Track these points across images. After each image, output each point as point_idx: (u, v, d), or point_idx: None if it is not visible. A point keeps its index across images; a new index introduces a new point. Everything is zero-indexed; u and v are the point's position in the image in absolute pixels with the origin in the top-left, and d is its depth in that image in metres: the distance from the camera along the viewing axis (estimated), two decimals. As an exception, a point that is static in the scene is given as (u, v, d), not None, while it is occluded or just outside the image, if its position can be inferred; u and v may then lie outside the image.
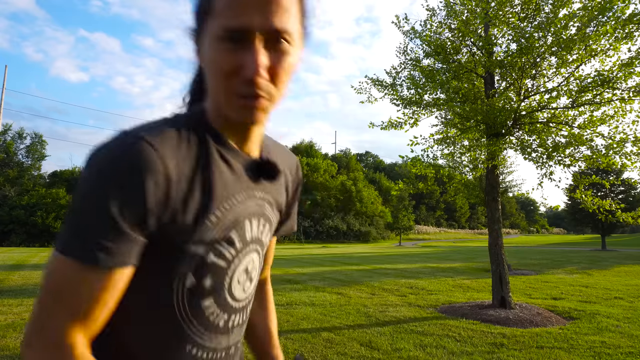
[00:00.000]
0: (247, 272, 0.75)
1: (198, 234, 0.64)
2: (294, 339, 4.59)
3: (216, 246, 0.67)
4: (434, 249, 25.32)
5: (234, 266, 0.71)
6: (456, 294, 7.72)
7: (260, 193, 0.75)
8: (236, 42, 0.59)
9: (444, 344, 4.50)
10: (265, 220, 0.77)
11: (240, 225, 0.70)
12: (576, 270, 12.01)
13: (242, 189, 0.71)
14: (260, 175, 0.75)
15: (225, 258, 0.69)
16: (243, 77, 0.59)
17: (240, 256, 0.71)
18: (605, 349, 4.38)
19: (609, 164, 5.63)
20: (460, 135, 6.83)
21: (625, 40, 5.34)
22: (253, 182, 0.73)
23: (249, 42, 0.59)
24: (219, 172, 0.67)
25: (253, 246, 0.74)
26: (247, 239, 0.72)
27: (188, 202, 0.62)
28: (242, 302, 0.75)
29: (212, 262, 0.67)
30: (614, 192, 27.80)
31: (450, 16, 6.62)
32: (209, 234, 0.65)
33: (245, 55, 0.59)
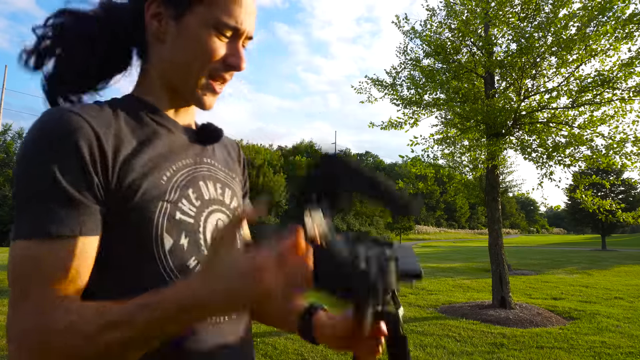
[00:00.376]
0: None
1: (155, 191, 0.66)
2: (294, 339, 4.59)
3: (179, 204, 0.69)
4: (434, 249, 25.31)
5: (202, 222, 0.72)
6: (456, 294, 7.71)
7: (209, 160, 0.81)
8: (226, 36, 0.71)
9: (444, 344, 4.50)
10: (223, 185, 0.80)
11: (195, 185, 0.73)
12: (576, 270, 12.01)
13: (189, 155, 0.76)
14: (203, 140, 0.81)
15: (190, 215, 0.70)
16: (228, 64, 0.72)
17: (204, 214, 0.73)
18: (606, 349, 4.38)
19: (609, 164, 5.63)
20: (460, 135, 6.83)
21: (626, 40, 5.34)
22: (199, 150, 0.79)
23: (237, 39, 0.72)
24: (159, 137, 0.72)
25: (216, 207, 0.76)
26: (206, 198, 0.74)
27: (133, 163, 0.65)
28: None
29: (180, 218, 0.68)
30: (614, 192, 27.80)
31: (450, 16, 6.62)
32: (166, 192, 0.68)
33: (232, 49, 0.72)
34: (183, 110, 0.79)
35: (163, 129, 0.74)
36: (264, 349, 4.29)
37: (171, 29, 0.71)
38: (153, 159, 0.68)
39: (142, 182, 0.65)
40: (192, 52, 0.70)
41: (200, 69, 0.71)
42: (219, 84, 0.74)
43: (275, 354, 4.15)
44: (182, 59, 0.71)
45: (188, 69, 0.71)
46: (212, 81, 0.73)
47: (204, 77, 0.72)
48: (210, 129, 0.83)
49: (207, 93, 0.74)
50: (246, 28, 0.72)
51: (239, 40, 0.73)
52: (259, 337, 4.70)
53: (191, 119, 0.83)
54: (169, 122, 0.76)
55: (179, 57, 0.71)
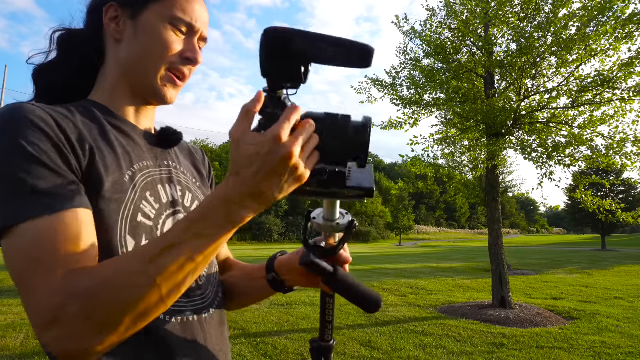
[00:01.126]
0: None
1: (118, 190, 0.66)
2: (294, 339, 4.59)
3: (140, 206, 0.69)
4: (434, 249, 25.32)
5: (160, 226, 0.72)
6: (456, 294, 7.71)
7: (171, 162, 0.81)
8: (182, 32, 0.75)
9: (444, 344, 4.50)
10: (184, 188, 0.81)
11: (154, 188, 0.74)
12: (576, 270, 12.01)
13: (148, 157, 0.77)
14: (163, 143, 0.81)
15: (149, 217, 0.71)
16: (185, 57, 0.75)
17: (163, 217, 0.73)
18: (606, 349, 4.38)
19: (609, 164, 5.63)
20: (460, 135, 6.83)
21: (625, 40, 5.34)
22: (160, 153, 0.80)
23: (192, 36, 0.76)
24: (116, 140, 0.72)
25: (174, 209, 0.76)
26: (164, 202, 0.75)
27: (95, 159, 0.65)
28: None
29: (140, 221, 0.69)
30: (614, 192, 27.81)
31: (450, 16, 6.62)
32: (128, 192, 0.68)
33: (189, 44, 0.76)
34: (143, 114, 0.80)
35: (119, 133, 0.74)
36: (264, 349, 4.29)
37: (128, 27, 0.74)
38: (113, 159, 0.68)
39: (104, 180, 0.65)
40: (149, 44, 0.72)
41: (159, 61, 0.73)
42: (178, 78, 0.76)
43: (275, 354, 4.15)
44: (140, 52, 0.73)
45: (146, 62, 0.73)
46: (171, 74, 0.75)
47: (162, 69, 0.74)
48: (169, 132, 0.84)
49: (167, 84, 0.75)
50: (200, 27, 0.76)
51: (194, 37, 0.76)
52: (258, 337, 4.70)
53: (150, 124, 0.83)
54: (126, 125, 0.76)
55: (136, 51, 0.73)
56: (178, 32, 0.74)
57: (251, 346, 4.38)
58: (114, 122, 0.74)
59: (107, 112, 0.75)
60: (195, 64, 0.76)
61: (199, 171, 0.92)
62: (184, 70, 0.76)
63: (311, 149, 0.54)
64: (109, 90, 0.77)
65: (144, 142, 0.78)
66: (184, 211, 0.78)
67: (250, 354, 4.15)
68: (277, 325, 5.23)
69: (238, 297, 0.91)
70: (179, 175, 0.82)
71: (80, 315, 0.51)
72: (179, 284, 0.55)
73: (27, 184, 0.56)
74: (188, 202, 0.80)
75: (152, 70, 0.74)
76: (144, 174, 0.73)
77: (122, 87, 0.76)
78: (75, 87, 0.80)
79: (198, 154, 0.95)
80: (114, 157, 0.69)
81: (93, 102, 0.76)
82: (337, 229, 0.67)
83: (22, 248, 0.54)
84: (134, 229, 0.67)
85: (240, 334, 4.82)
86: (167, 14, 0.73)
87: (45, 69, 0.79)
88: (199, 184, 0.87)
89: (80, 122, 0.68)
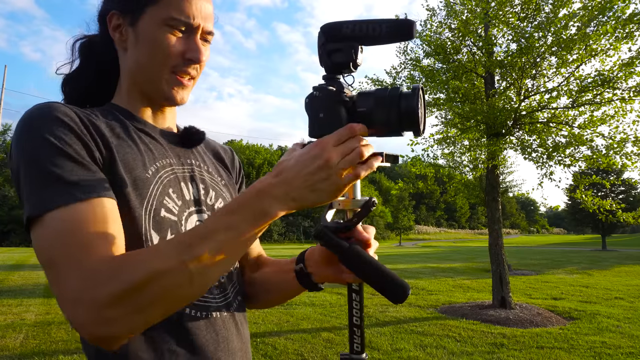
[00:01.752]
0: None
1: (141, 185, 0.68)
2: (294, 339, 4.59)
3: (163, 202, 0.70)
4: (434, 249, 25.31)
5: (184, 221, 0.73)
6: (456, 294, 7.71)
7: (194, 161, 0.82)
8: (181, 32, 0.73)
9: (444, 344, 4.49)
10: (207, 186, 0.81)
11: (177, 185, 0.75)
12: (576, 271, 12.00)
13: (171, 155, 0.78)
14: (185, 142, 0.83)
15: (173, 212, 0.72)
16: (187, 58, 0.74)
17: (186, 213, 0.74)
18: (606, 349, 4.38)
19: (609, 164, 5.62)
20: (461, 135, 6.82)
21: (626, 40, 5.33)
22: (183, 152, 0.81)
23: (192, 34, 0.75)
24: (139, 138, 0.74)
25: (198, 207, 0.77)
26: (187, 199, 0.76)
27: (117, 155, 0.67)
28: None
29: (164, 216, 0.70)
30: (614, 192, 27.79)
31: (450, 16, 6.62)
32: (151, 186, 0.69)
33: (189, 43, 0.74)
34: (160, 116, 0.81)
35: (141, 133, 0.76)
36: (264, 349, 4.29)
37: (130, 36, 0.75)
38: (136, 156, 0.70)
39: (126, 176, 0.66)
40: (150, 52, 0.73)
41: (161, 66, 0.73)
42: (186, 79, 0.76)
43: (275, 354, 4.15)
44: (143, 60, 0.74)
45: (150, 69, 0.74)
46: (177, 76, 0.75)
47: (166, 73, 0.74)
48: (192, 132, 0.85)
49: (174, 87, 0.75)
50: (200, 22, 0.75)
51: (195, 35, 0.75)
52: (258, 337, 4.70)
53: (172, 123, 0.84)
54: (147, 127, 0.78)
55: (140, 59, 0.74)
56: (177, 32, 0.73)
57: (251, 346, 4.37)
58: (135, 123, 0.76)
59: (128, 114, 0.77)
60: (197, 62, 0.76)
61: (227, 170, 0.92)
62: (189, 71, 0.76)
63: (349, 162, 0.56)
64: (125, 96, 0.79)
65: (166, 142, 0.79)
66: (206, 209, 0.79)
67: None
68: (277, 326, 5.22)
69: (269, 293, 0.89)
70: (202, 173, 0.82)
71: (113, 300, 0.51)
72: (210, 275, 0.56)
73: (54, 175, 0.58)
74: (212, 200, 0.81)
75: (156, 76, 0.74)
76: (166, 171, 0.74)
77: (135, 93, 0.78)
78: (99, 93, 0.82)
79: (227, 153, 0.96)
80: (136, 154, 0.70)
81: (115, 106, 0.78)
82: (355, 204, 0.67)
83: (52, 234, 0.56)
84: (158, 224, 0.68)
85: (240, 334, 4.81)
86: (162, 16, 0.72)
87: (71, 78, 0.82)
88: (224, 182, 0.87)
89: (104, 122, 0.70)
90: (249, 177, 38.14)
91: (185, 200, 0.75)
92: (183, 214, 0.74)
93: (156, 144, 0.77)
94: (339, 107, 0.61)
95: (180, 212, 0.73)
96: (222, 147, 0.96)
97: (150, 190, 0.69)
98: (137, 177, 0.68)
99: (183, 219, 0.73)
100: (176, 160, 0.78)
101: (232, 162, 0.96)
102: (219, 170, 0.89)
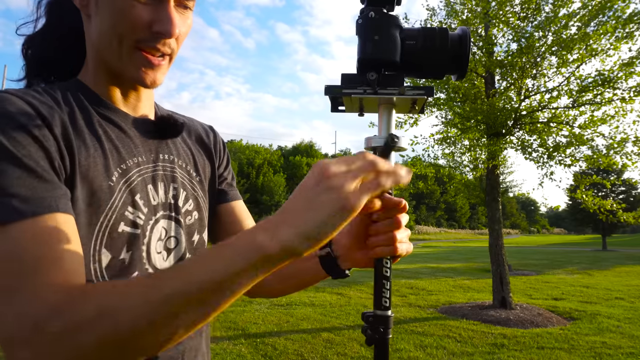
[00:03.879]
0: (162, 240, 0.68)
1: (100, 196, 0.59)
2: (293, 339, 4.58)
3: (125, 214, 0.62)
4: (434, 249, 25.29)
5: (148, 233, 0.65)
6: (456, 294, 7.70)
7: (166, 156, 0.72)
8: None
9: (444, 345, 4.49)
10: (178, 185, 0.72)
11: (144, 189, 0.66)
12: (577, 271, 11.99)
13: (141, 152, 0.68)
14: (159, 135, 0.72)
15: (136, 224, 0.63)
16: (156, 31, 0.60)
17: (151, 222, 0.66)
18: (606, 349, 4.37)
19: (609, 163, 5.62)
20: (461, 135, 6.82)
21: (626, 39, 5.33)
22: (155, 145, 0.71)
23: (163, 1, 0.61)
24: (105, 133, 0.64)
25: (164, 212, 0.69)
26: (154, 204, 0.67)
27: (78, 159, 0.58)
28: None
29: (123, 230, 0.61)
30: (614, 192, 27.78)
31: (450, 16, 6.61)
32: (111, 198, 0.60)
33: (159, 12, 0.60)
34: (134, 97, 0.70)
35: (108, 124, 0.65)
36: (263, 349, 4.28)
37: (90, 7, 0.63)
38: (99, 158, 0.61)
39: (84, 187, 0.58)
40: (110, 21, 0.60)
41: (123, 38, 0.60)
42: (156, 56, 0.63)
43: (275, 354, 4.14)
44: (104, 29, 0.61)
45: (111, 41, 0.61)
46: (145, 54, 0.62)
47: (131, 49, 0.61)
48: (169, 123, 0.73)
49: (142, 68, 0.63)
50: None
51: (168, 3, 0.61)
52: (258, 337, 4.69)
53: (148, 107, 0.73)
54: (117, 115, 0.67)
55: (102, 28, 0.61)
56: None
57: (251, 346, 4.37)
58: (103, 111, 0.65)
59: (95, 98, 0.66)
60: (168, 36, 0.61)
61: (209, 154, 0.82)
62: (158, 47, 0.62)
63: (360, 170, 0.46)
64: (92, 73, 0.67)
65: (138, 134, 0.69)
66: (176, 213, 0.71)
67: (250, 354, 4.14)
68: (277, 326, 5.22)
69: (282, 282, 0.79)
70: (175, 170, 0.73)
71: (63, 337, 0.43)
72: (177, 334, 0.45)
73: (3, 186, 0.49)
74: (181, 201, 0.72)
75: (119, 50, 0.61)
76: (134, 173, 0.65)
77: (102, 71, 0.66)
78: (66, 62, 0.71)
79: (209, 135, 0.86)
80: (99, 157, 0.61)
81: (81, 85, 0.66)
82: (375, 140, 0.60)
83: None
84: (113, 241, 0.60)
85: (240, 335, 4.81)
86: None
87: (35, 38, 0.70)
88: (199, 178, 0.78)
89: (67, 114, 0.60)
90: (249, 177, 38.10)
91: (152, 206, 0.67)
92: (148, 224, 0.65)
93: (125, 138, 0.66)
94: (395, 32, 0.57)
95: (145, 221, 0.65)
96: (204, 128, 0.86)
97: (112, 203, 0.60)
98: (98, 188, 0.59)
99: (148, 229, 0.65)
100: (146, 158, 0.68)
101: (215, 144, 0.86)
102: (197, 161, 0.79)
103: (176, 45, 0.65)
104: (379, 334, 0.55)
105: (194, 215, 0.75)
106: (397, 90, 0.57)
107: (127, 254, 0.62)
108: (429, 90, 0.56)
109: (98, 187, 0.60)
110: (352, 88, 0.57)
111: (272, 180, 38.80)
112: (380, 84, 0.57)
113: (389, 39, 0.56)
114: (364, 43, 0.57)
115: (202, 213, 0.77)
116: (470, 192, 7.28)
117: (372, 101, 0.59)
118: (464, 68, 0.57)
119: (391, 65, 0.58)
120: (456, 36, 0.57)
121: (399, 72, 0.58)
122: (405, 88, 0.57)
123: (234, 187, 0.88)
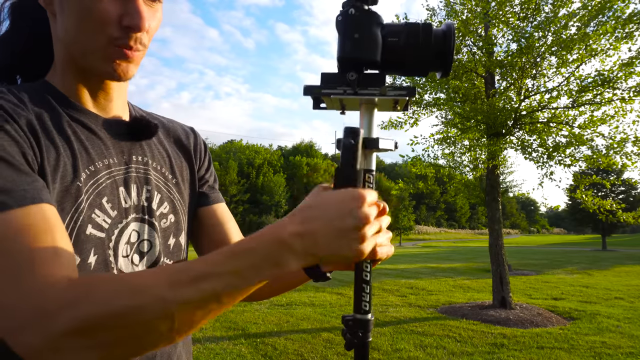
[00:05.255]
0: (131, 244, 0.67)
1: (67, 199, 0.58)
2: (293, 339, 4.59)
3: (92, 216, 0.61)
4: (434, 249, 25.30)
5: (115, 237, 0.64)
6: (456, 294, 7.71)
7: (139, 158, 0.70)
8: None
9: (444, 345, 4.49)
10: (152, 188, 0.71)
11: (114, 191, 0.65)
12: (576, 271, 11.99)
13: (113, 153, 0.67)
14: (132, 137, 0.70)
15: (103, 228, 0.62)
16: (126, 25, 0.59)
17: (120, 226, 0.65)
18: (606, 349, 4.37)
19: (609, 163, 5.63)
20: (461, 135, 6.82)
21: (626, 39, 5.33)
22: (128, 147, 0.69)
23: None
24: (74, 134, 0.62)
25: (136, 215, 0.67)
26: (124, 206, 0.66)
27: (46, 159, 0.57)
28: None
29: (90, 233, 0.61)
30: (614, 192, 27.80)
31: (450, 16, 6.61)
32: (78, 200, 0.59)
33: (128, 5, 0.59)
34: (104, 97, 0.68)
35: (78, 125, 0.64)
36: (263, 349, 4.29)
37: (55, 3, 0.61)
38: (67, 159, 0.60)
39: (54, 185, 0.57)
40: (77, 19, 0.59)
41: (94, 36, 0.59)
42: (129, 50, 0.62)
43: (275, 354, 4.15)
44: (71, 28, 0.60)
45: (80, 40, 0.60)
46: (118, 48, 0.61)
47: (103, 46, 0.60)
48: (142, 125, 0.71)
49: (116, 60, 0.61)
50: None
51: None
52: (258, 337, 4.70)
53: (120, 107, 0.71)
54: (87, 117, 0.65)
55: (68, 27, 0.60)
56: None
57: (251, 346, 4.37)
58: (72, 113, 0.64)
59: (63, 100, 0.64)
60: (137, 30, 0.60)
61: (188, 156, 0.81)
62: (131, 45, 0.61)
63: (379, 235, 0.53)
64: (60, 73, 0.65)
65: (109, 135, 0.67)
66: (149, 216, 0.69)
67: (250, 354, 4.14)
68: (277, 326, 5.22)
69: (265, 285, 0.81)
70: (148, 172, 0.71)
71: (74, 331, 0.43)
72: (194, 322, 0.47)
73: None
74: (155, 204, 0.71)
75: (90, 48, 0.60)
76: (103, 175, 0.64)
77: (70, 70, 0.64)
78: (34, 63, 0.70)
79: (189, 137, 0.84)
80: (67, 157, 0.60)
81: (49, 86, 0.65)
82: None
83: None
84: (81, 243, 0.59)
85: (240, 335, 4.81)
86: None
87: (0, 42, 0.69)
88: (175, 180, 0.76)
89: (34, 113, 0.59)
90: (249, 177, 38.07)
91: (122, 209, 0.65)
92: (116, 227, 0.64)
93: (95, 139, 0.65)
94: (376, 29, 0.56)
95: (112, 226, 0.64)
96: (183, 130, 0.84)
97: (78, 204, 0.59)
98: (65, 189, 0.58)
99: (115, 233, 0.64)
100: (118, 160, 0.67)
101: (196, 146, 0.83)
102: (174, 163, 0.77)
103: (147, 40, 0.64)
104: (358, 338, 0.55)
105: (170, 218, 0.74)
106: (378, 91, 0.56)
107: (93, 257, 0.61)
108: (411, 91, 0.56)
109: (66, 188, 0.58)
110: (332, 88, 0.56)
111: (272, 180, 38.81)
112: (361, 84, 0.56)
113: (369, 37, 0.55)
114: (343, 41, 0.56)
115: (178, 216, 0.76)
116: (470, 192, 7.28)
117: (354, 100, 0.58)
118: (449, 65, 0.56)
119: (372, 64, 0.56)
120: (440, 32, 0.56)
121: (380, 72, 0.57)
122: (386, 88, 0.56)
123: (216, 189, 0.86)
